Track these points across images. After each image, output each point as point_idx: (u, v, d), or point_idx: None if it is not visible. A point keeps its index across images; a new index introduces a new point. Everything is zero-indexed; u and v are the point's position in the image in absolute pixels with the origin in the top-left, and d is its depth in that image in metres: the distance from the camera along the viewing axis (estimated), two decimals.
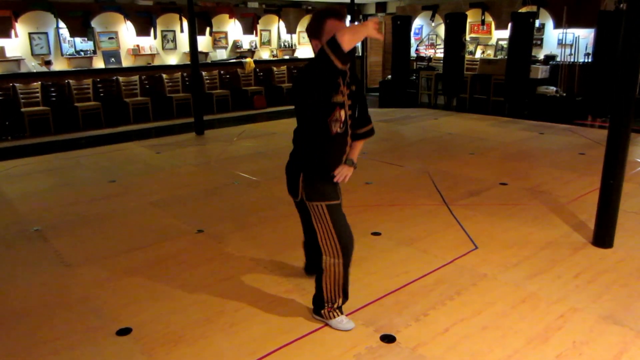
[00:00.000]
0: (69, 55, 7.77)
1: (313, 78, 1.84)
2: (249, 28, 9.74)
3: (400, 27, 9.30)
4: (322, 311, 2.26)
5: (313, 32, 1.96)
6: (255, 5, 9.90)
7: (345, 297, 2.27)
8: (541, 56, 8.72)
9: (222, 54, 9.51)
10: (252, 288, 2.66)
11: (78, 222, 3.71)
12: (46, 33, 7.51)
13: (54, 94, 7.47)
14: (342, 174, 2.07)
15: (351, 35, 1.73)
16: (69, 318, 2.42)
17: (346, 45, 1.73)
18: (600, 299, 2.51)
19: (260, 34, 10.05)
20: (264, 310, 2.44)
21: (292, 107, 2.10)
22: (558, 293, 2.56)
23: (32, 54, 7.44)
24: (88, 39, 7.84)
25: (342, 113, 1.98)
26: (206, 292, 2.63)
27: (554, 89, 8.19)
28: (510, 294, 2.56)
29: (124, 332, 2.29)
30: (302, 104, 1.97)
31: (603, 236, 3.15)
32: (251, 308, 2.46)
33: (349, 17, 9.42)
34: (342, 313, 2.28)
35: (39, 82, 7.34)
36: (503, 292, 2.58)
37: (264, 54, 10.22)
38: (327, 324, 2.28)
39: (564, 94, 8.08)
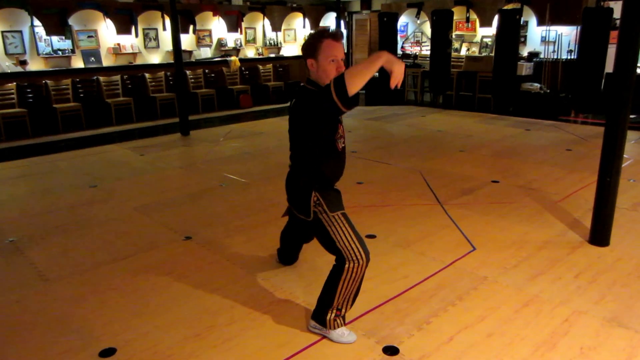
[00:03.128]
0: (46, 54, 7.47)
1: (320, 112, 1.91)
2: (234, 26, 9.54)
3: (387, 24, 9.23)
4: (327, 317, 2.14)
5: (309, 51, 1.98)
6: (240, 2, 9.71)
7: (352, 303, 2.19)
8: (525, 53, 8.75)
9: (206, 53, 9.31)
10: (244, 298, 2.53)
11: (57, 232, 3.50)
12: (20, 31, 7.20)
13: (30, 96, 7.16)
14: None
15: (360, 78, 1.78)
16: (45, 338, 2.24)
17: (353, 89, 1.78)
18: (602, 300, 2.46)
19: (245, 32, 9.86)
20: (258, 323, 2.31)
21: (286, 119, 2.17)
22: (560, 295, 2.50)
23: (6, 54, 7.13)
24: (66, 38, 7.55)
25: (341, 128, 2.10)
26: (195, 304, 2.49)
27: (538, 85, 8.24)
28: (512, 298, 2.49)
29: (108, 352, 2.12)
30: (312, 130, 2.02)
31: (600, 234, 3.11)
32: (244, 321, 2.33)
33: (334, 14, 9.31)
34: (344, 323, 2.18)
35: (14, 83, 7.03)
36: (505, 295, 2.52)
37: (249, 52, 10.04)
38: (325, 336, 2.17)
39: (548, 91, 8.13)
